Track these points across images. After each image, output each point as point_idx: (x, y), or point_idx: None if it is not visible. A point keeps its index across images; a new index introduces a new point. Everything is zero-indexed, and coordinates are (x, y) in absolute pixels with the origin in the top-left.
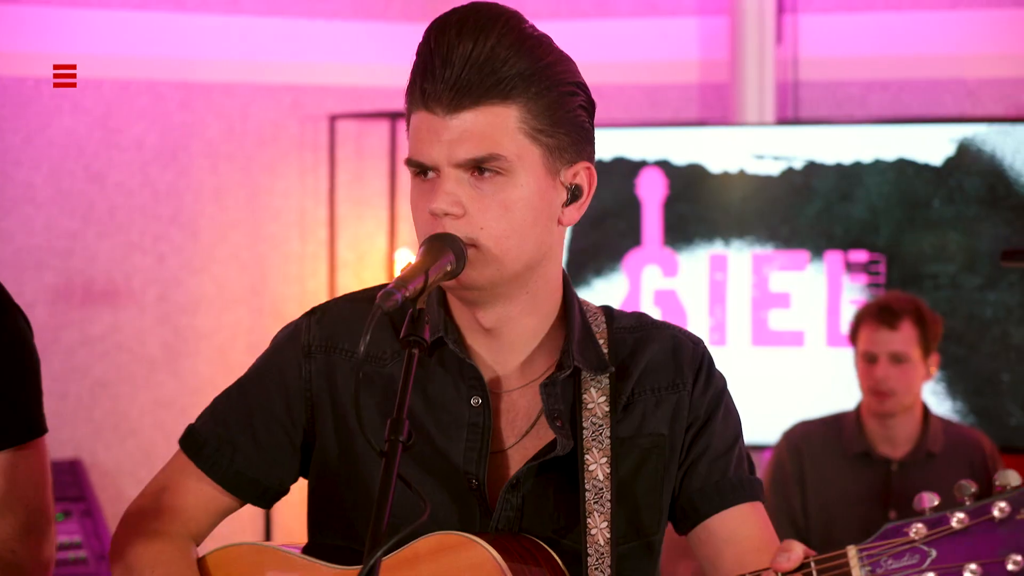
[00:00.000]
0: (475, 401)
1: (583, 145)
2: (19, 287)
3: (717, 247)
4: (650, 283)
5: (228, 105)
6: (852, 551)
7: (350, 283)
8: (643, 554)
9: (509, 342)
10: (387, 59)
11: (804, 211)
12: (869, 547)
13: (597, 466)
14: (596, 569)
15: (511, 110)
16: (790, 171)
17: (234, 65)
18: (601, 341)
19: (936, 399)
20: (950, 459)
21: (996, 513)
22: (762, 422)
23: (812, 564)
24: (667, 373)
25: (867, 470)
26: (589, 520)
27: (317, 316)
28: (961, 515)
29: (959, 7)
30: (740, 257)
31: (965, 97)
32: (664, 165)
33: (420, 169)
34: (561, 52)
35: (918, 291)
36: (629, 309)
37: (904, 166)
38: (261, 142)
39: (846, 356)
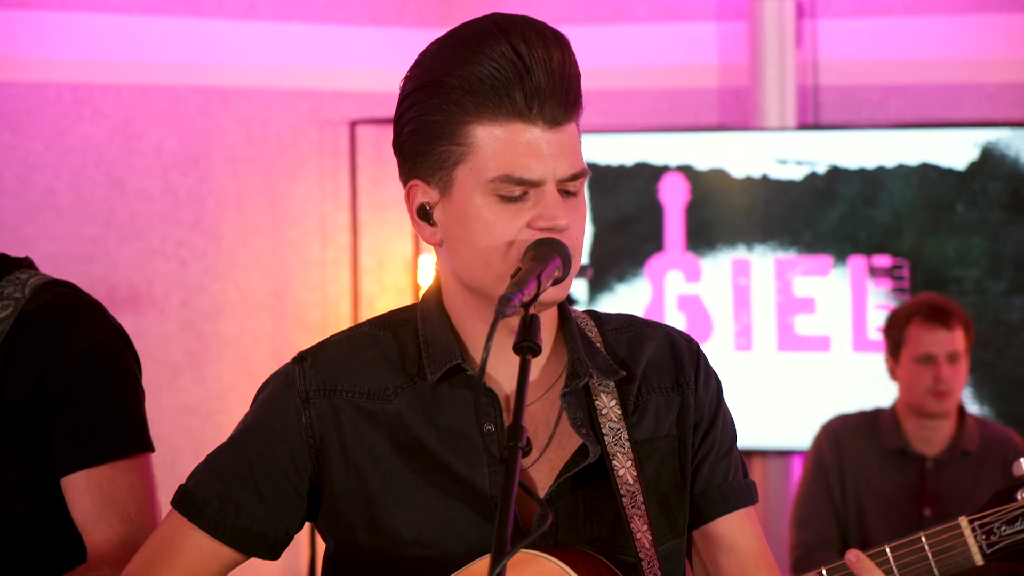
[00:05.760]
0: (488, 428)
1: None
2: None
3: (740, 252)
4: (673, 288)
5: (248, 110)
6: (964, 522)
7: (372, 288)
8: (679, 556)
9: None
10: (405, 64)
11: (827, 216)
12: (981, 516)
13: (625, 470)
14: (649, 572)
15: (576, 127)
16: (813, 176)
17: (253, 70)
18: (598, 344)
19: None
20: (984, 457)
21: None
22: (788, 427)
23: (923, 538)
24: (669, 372)
25: (902, 467)
26: (632, 524)
27: (309, 361)
28: None
29: (977, 12)
30: (763, 262)
31: (984, 101)
32: (686, 170)
33: (521, 186)
34: None
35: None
36: (653, 315)
37: (927, 170)
38: (281, 147)
39: (872, 361)
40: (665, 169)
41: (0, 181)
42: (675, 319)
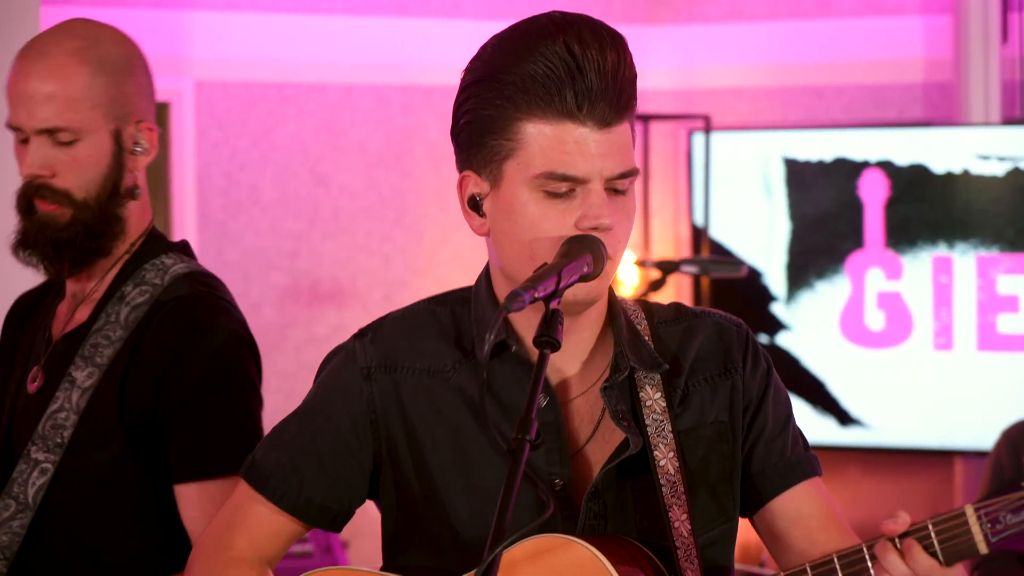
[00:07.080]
0: (543, 400)
1: None
2: (246, 287)
3: (941, 249)
4: (874, 285)
5: (449, 108)
6: (970, 509)
7: None
8: (725, 540)
9: (569, 350)
10: None
11: None
12: (987, 504)
13: (666, 460)
14: (686, 561)
15: (629, 127)
16: (1016, 172)
17: (456, 68)
18: (647, 337)
19: None
20: None
21: None
22: (989, 428)
23: (930, 526)
24: (717, 360)
25: None
26: (670, 514)
27: (369, 337)
28: None
29: None
30: (965, 260)
31: None
32: (886, 166)
33: (567, 183)
34: None
35: None
36: (852, 312)
37: None
38: None
39: None
40: (864, 165)
41: (207, 178)
42: (875, 317)
